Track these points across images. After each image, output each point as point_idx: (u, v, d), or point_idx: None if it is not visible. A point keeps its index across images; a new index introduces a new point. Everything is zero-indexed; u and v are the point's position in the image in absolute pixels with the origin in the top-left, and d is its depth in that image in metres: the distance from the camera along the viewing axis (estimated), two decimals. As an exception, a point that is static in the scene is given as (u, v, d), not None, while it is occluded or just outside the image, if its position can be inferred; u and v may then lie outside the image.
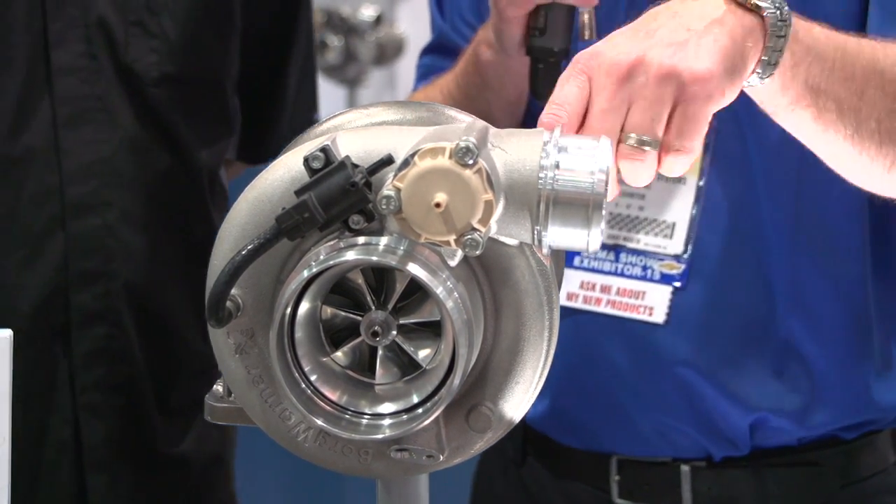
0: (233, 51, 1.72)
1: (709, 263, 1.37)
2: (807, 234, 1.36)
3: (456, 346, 0.90)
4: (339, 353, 0.95)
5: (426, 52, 1.61)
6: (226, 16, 1.70)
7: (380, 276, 0.94)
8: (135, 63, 1.62)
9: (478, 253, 0.90)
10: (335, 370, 0.95)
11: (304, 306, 0.93)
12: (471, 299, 0.92)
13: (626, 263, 1.40)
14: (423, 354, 0.94)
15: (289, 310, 0.91)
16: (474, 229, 0.89)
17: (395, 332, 0.93)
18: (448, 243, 0.90)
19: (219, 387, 1.01)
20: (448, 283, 0.90)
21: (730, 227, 1.36)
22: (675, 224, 1.38)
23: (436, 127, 0.96)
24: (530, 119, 1.45)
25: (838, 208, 1.34)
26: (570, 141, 0.93)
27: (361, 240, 0.91)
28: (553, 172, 0.91)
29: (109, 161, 1.61)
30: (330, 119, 1.01)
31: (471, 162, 0.89)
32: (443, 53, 1.57)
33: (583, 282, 1.41)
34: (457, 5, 1.54)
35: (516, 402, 0.96)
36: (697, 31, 1.02)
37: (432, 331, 0.93)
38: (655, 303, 1.38)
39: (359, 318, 0.93)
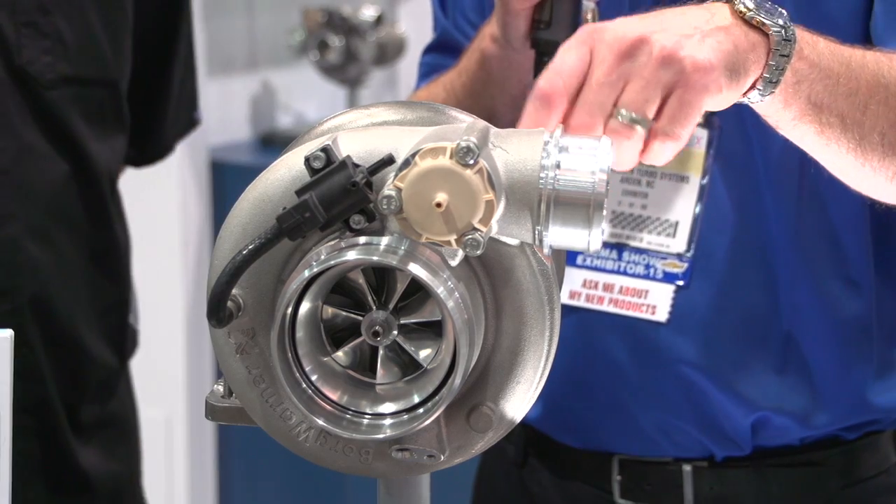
0: (126, 49, 1.64)
1: (712, 262, 1.37)
2: (809, 233, 1.36)
3: (457, 346, 0.90)
4: (339, 353, 0.95)
5: (428, 50, 1.61)
6: (118, 12, 1.64)
7: (381, 275, 0.94)
8: (29, 66, 1.54)
9: (479, 253, 0.90)
10: (336, 370, 0.95)
11: (305, 306, 0.93)
12: (472, 299, 0.92)
13: (628, 262, 1.40)
14: (424, 354, 0.94)
15: (290, 309, 0.91)
16: (475, 229, 0.90)
17: (395, 332, 0.93)
18: (449, 243, 0.90)
19: (219, 386, 1.01)
20: (449, 282, 0.90)
21: (733, 225, 1.36)
22: (678, 223, 1.38)
23: (437, 127, 0.96)
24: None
25: (841, 209, 1.34)
26: (570, 141, 0.93)
27: (362, 240, 0.91)
28: (554, 172, 0.91)
29: (9, 171, 1.53)
30: (331, 119, 1.01)
31: (471, 162, 0.89)
32: (445, 52, 1.56)
33: (585, 280, 1.41)
34: (459, 3, 1.54)
35: (517, 401, 0.96)
36: (703, 31, 1.03)
37: (433, 331, 0.93)
38: (658, 301, 1.38)
39: (360, 317, 0.93)
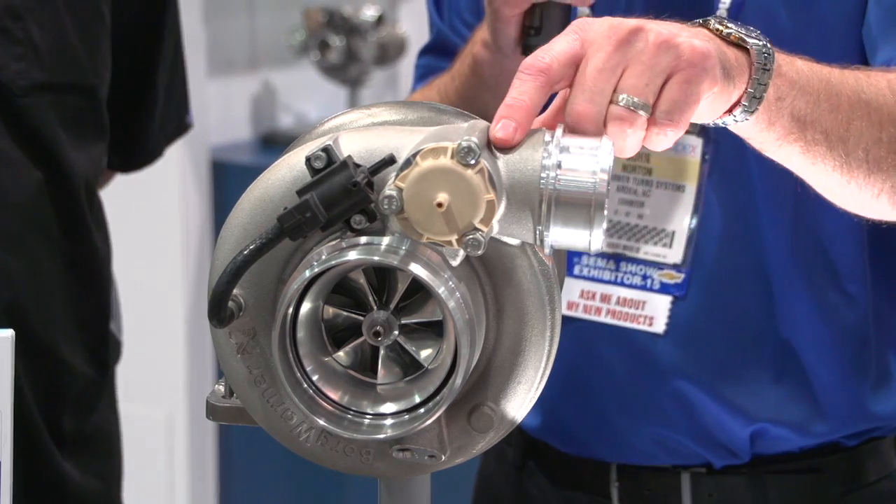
0: (104, 53, 1.61)
1: (708, 273, 1.36)
2: (805, 243, 1.35)
3: (458, 346, 0.90)
4: (340, 353, 0.94)
5: (424, 52, 1.60)
6: (95, 17, 1.59)
7: (382, 276, 0.94)
8: (0, 72, 1.50)
9: (480, 253, 0.90)
10: (337, 370, 0.95)
11: (306, 306, 0.93)
12: (473, 299, 0.92)
13: (626, 273, 1.39)
14: (424, 354, 0.94)
15: (291, 309, 0.91)
16: (476, 229, 0.90)
17: (396, 332, 0.93)
18: (450, 243, 0.90)
19: (220, 386, 1.01)
20: (450, 283, 0.90)
21: (729, 236, 1.36)
22: (674, 233, 1.37)
23: (437, 127, 0.96)
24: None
25: (836, 219, 1.33)
26: (571, 141, 0.93)
27: (363, 240, 0.91)
28: (555, 172, 0.91)
29: None
30: (332, 119, 1.01)
31: (472, 162, 0.89)
32: (441, 54, 1.55)
33: (583, 291, 1.40)
34: (455, 5, 1.53)
35: (518, 401, 0.96)
36: (691, 32, 1.03)
37: (434, 331, 0.93)
38: (656, 313, 1.37)
39: (360, 318, 0.93)
